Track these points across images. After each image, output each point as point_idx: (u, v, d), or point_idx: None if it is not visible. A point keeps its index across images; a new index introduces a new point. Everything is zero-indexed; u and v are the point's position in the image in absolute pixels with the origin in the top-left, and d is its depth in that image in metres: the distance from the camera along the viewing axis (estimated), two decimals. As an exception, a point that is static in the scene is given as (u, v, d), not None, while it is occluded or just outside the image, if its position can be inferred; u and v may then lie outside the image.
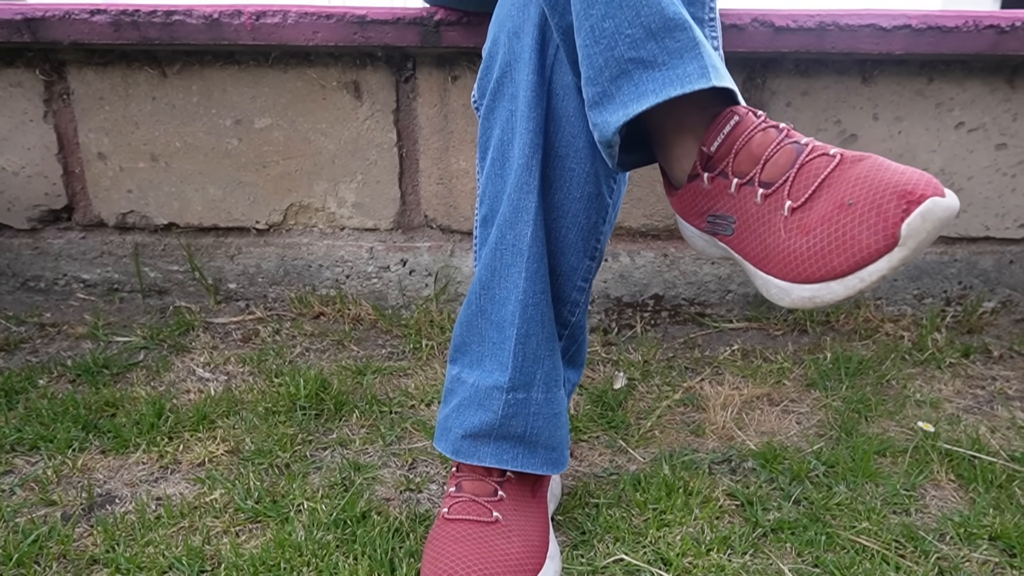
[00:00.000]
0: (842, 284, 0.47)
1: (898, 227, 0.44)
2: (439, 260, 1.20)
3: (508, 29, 0.63)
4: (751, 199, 0.53)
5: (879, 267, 0.45)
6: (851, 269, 0.47)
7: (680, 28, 0.51)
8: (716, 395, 1.03)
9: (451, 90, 1.10)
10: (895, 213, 0.44)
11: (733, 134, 0.54)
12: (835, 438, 0.92)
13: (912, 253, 0.45)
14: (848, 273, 0.47)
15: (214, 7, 0.99)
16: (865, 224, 0.46)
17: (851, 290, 0.47)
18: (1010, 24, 0.98)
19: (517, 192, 0.61)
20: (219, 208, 1.19)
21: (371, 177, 1.16)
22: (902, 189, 0.45)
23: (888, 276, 0.46)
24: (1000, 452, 0.88)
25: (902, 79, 1.10)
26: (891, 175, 0.46)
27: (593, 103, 0.55)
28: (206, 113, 1.13)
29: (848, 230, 0.46)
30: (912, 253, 0.45)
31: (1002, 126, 1.13)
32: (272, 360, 1.10)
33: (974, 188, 1.16)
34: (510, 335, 0.63)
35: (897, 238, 0.44)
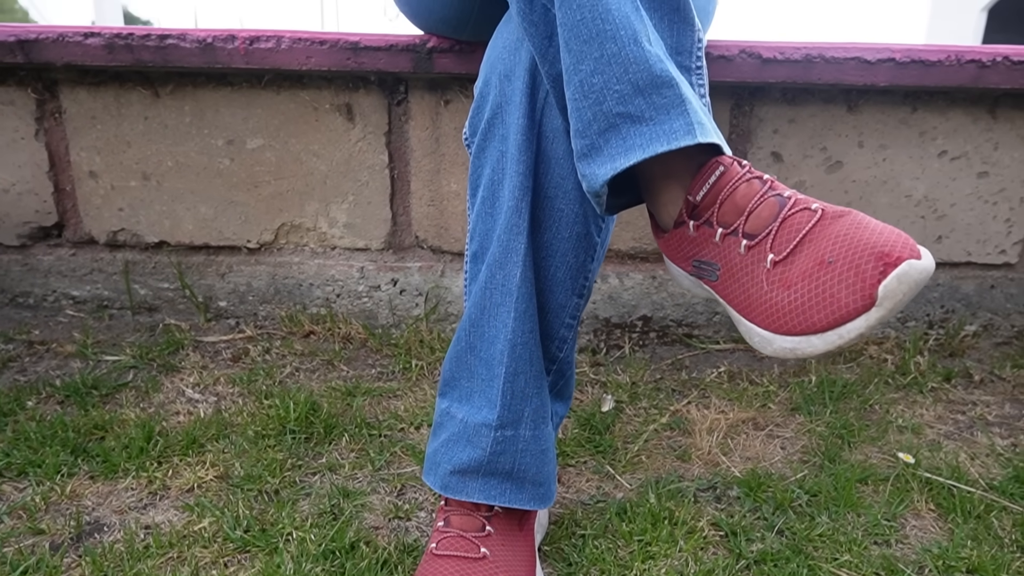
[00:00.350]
0: (822, 339, 0.49)
1: (875, 288, 0.45)
2: (430, 280, 1.21)
3: (499, 71, 0.64)
4: (735, 249, 0.55)
5: (857, 325, 0.47)
6: (830, 325, 0.48)
7: (667, 85, 0.52)
8: (702, 419, 1.05)
9: (443, 113, 1.11)
10: (872, 274, 0.46)
11: (718, 184, 0.55)
12: (818, 465, 0.93)
13: (888, 313, 0.46)
14: (827, 329, 0.48)
15: (207, 32, 0.99)
16: (844, 283, 0.47)
17: (830, 345, 0.48)
18: (991, 59, 1.00)
19: (507, 233, 0.62)
20: (210, 227, 1.19)
21: (363, 198, 1.17)
22: (880, 251, 0.46)
23: (866, 334, 0.47)
24: (979, 481, 0.90)
25: (887, 108, 1.11)
26: (869, 235, 0.47)
27: (582, 155, 0.56)
28: (198, 133, 1.13)
29: (828, 288, 0.48)
30: (888, 313, 0.46)
31: (984, 155, 1.15)
32: (262, 380, 1.10)
33: (956, 215, 1.18)
34: (499, 373, 0.64)
35: (874, 299, 0.46)
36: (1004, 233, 1.20)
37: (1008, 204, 1.18)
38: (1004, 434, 1.03)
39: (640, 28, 0.52)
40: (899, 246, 0.46)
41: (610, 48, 0.52)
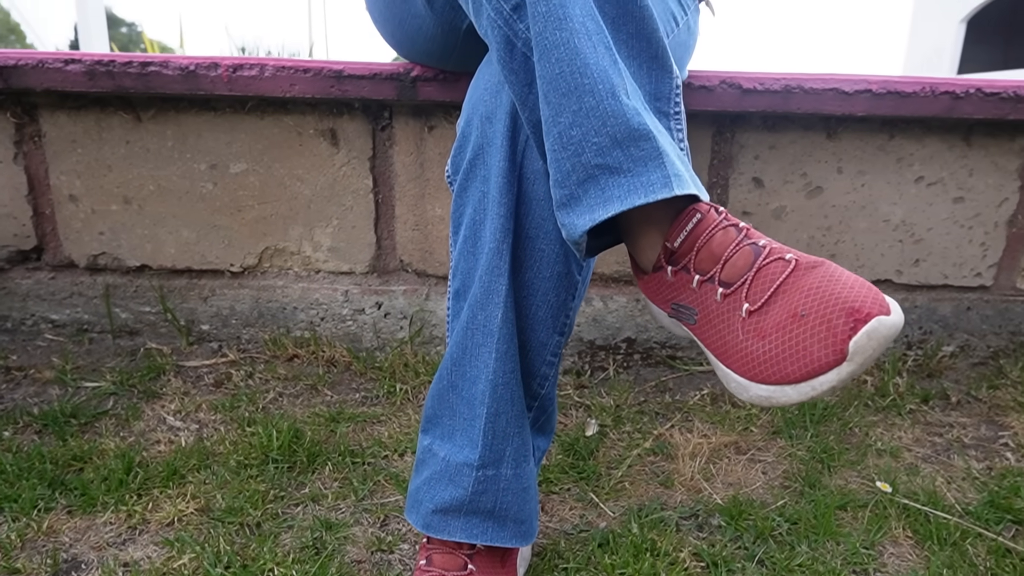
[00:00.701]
0: (795, 390, 0.49)
1: (846, 344, 0.46)
2: (414, 303, 1.21)
3: (481, 113, 0.64)
4: (712, 296, 0.55)
5: (829, 379, 0.48)
6: (803, 378, 0.49)
7: (644, 138, 0.53)
8: (685, 443, 1.05)
9: (428, 139, 1.12)
10: (843, 330, 0.47)
11: (695, 232, 0.56)
12: (799, 491, 0.94)
13: (859, 367, 0.47)
14: (801, 381, 0.49)
15: (190, 59, 0.99)
16: (816, 337, 0.48)
17: (804, 396, 0.49)
18: (964, 91, 1.02)
19: (488, 275, 0.63)
20: (193, 251, 1.18)
21: (347, 222, 1.17)
22: (850, 306, 0.47)
23: (838, 387, 0.48)
24: (955, 506, 0.91)
25: (865, 135, 1.13)
26: (841, 289, 0.48)
27: (561, 204, 0.56)
28: (180, 157, 1.13)
29: (801, 341, 0.49)
30: (859, 367, 0.47)
31: (959, 181, 1.17)
32: (245, 406, 1.10)
33: (933, 239, 1.20)
34: (480, 413, 0.64)
35: (845, 354, 0.47)
36: (979, 256, 1.22)
37: (983, 228, 1.20)
38: (980, 457, 1.04)
39: (618, 81, 0.53)
40: (869, 302, 0.47)
41: (588, 102, 0.52)
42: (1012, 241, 1.21)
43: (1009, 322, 1.26)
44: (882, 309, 0.47)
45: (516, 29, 0.56)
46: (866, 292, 0.48)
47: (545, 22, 0.53)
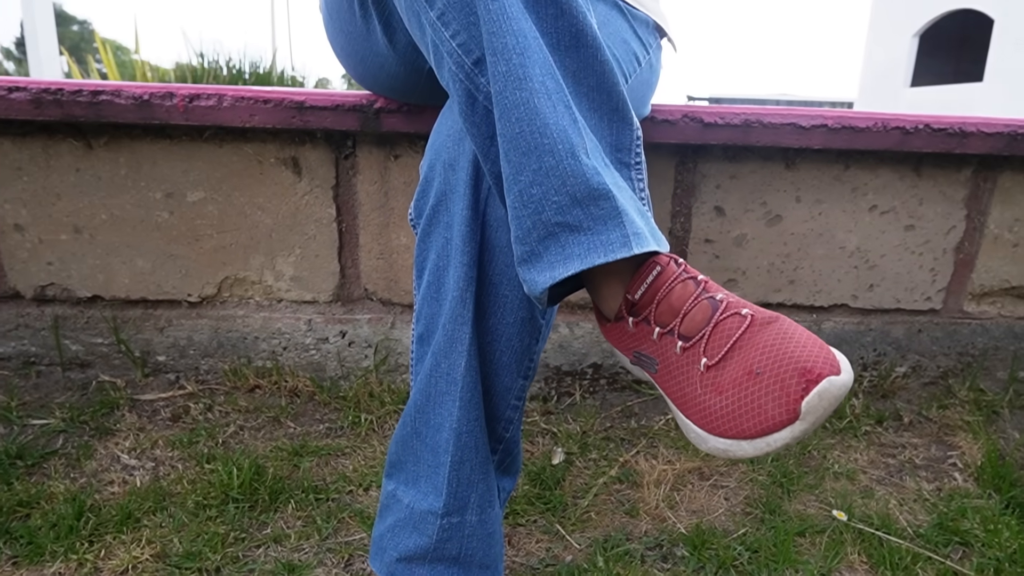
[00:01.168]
0: (751, 445, 0.50)
1: (799, 403, 0.48)
2: (379, 332, 1.20)
3: (444, 160, 0.64)
4: (672, 348, 0.56)
5: (783, 436, 0.49)
6: (759, 434, 0.50)
7: (604, 197, 0.53)
8: (650, 470, 1.06)
9: (392, 168, 1.11)
10: (796, 390, 0.48)
11: (655, 284, 0.56)
12: (759, 517, 0.96)
13: (812, 426, 0.48)
14: (756, 437, 0.50)
15: (144, 88, 0.97)
16: (771, 396, 0.49)
17: (759, 451, 0.50)
18: (914, 126, 1.06)
19: (452, 323, 0.63)
20: (148, 281, 1.15)
21: (310, 251, 1.15)
22: (803, 366, 0.48)
23: (792, 444, 0.50)
24: (907, 529, 0.94)
25: (822, 166, 1.16)
26: (794, 348, 0.50)
27: (522, 260, 0.56)
28: (135, 186, 1.10)
29: (756, 399, 0.50)
30: (812, 426, 0.48)
31: (910, 209, 1.21)
32: (204, 442, 1.07)
33: (886, 265, 1.24)
34: (444, 461, 0.63)
35: (798, 413, 0.48)
36: (929, 282, 1.26)
37: (932, 255, 1.24)
38: (930, 478, 1.08)
39: (577, 141, 0.53)
40: (820, 362, 0.48)
41: (548, 161, 0.53)
42: (959, 267, 1.25)
43: (957, 343, 1.30)
44: (833, 369, 0.48)
45: (478, 83, 0.56)
46: (817, 351, 0.49)
47: (505, 82, 0.53)
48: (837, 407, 0.55)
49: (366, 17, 0.74)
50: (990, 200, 1.22)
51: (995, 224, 1.23)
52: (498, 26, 0.53)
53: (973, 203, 1.22)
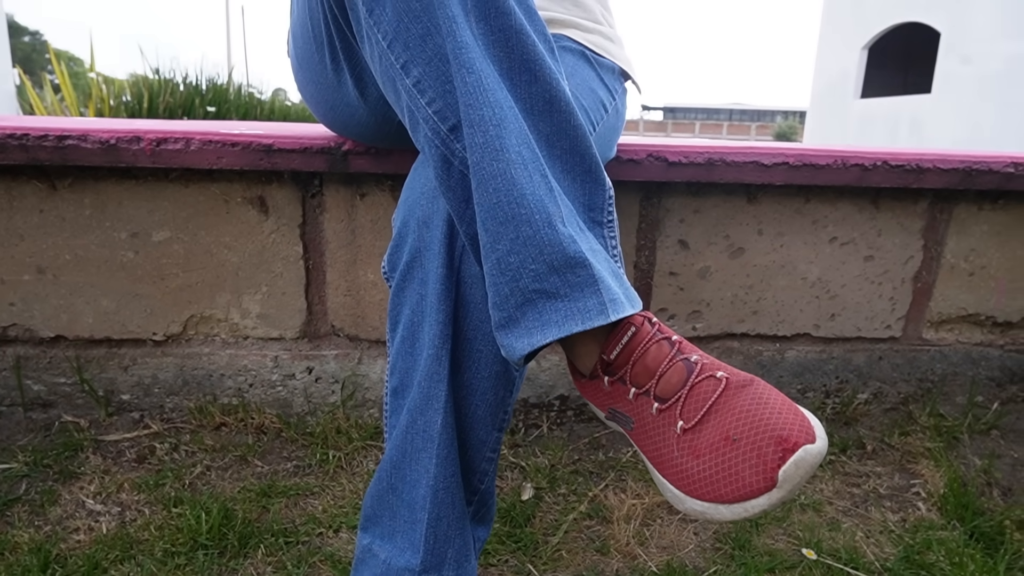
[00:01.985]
0: (729, 510, 0.51)
1: (776, 472, 0.49)
2: (346, 368, 1.20)
3: (418, 217, 0.65)
4: (648, 409, 0.57)
5: (760, 503, 0.50)
6: (736, 500, 0.51)
7: (580, 265, 0.54)
8: (620, 504, 1.07)
9: (359, 206, 1.11)
10: (773, 458, 0.49)
11: (630, 345, 0.57)
12: (729, 554, 0.97)
13: (788, 493, 0.49)
14: (734, 502, 0.51)
15: (111, 132, 0.96)
16: (748, 463, 0.50)
17: (737, 516, 0.51)
18: (872, 163, 1.09)
19: (427, 380, 0.63)
20: (112, 320, 1.13)
21: (276, 289, 1.14)
22: (779, 435, 0.49)
23: (769, 510, 0.51)
24: (874, 563, 0.96)
25: (783, 199, 1.19)
26: (770, 415, 0.51)
27: (500, 325, 0.57)
28: (99, 226, 1.08)
29: (733, 465, 0.51)
30: (788, 493, 0.49)
31: (869, 241, 1.24)
32: (170, 484, 1.05)
33: (847, 295, 1.27)
34: (421, 518, 0.64)
35: (775, 482, 0.49)
36: (889, 310, 1.29)
37: (891, 284, 1.28)
38: (895, 508, 1.10)
39: (553, 210, 0.54)
40: (796, 430, 0.49)
41: (525, 231, 0.54)
42: (917, 295, 1.29)
43: (917, 370, 1.34)
44: (808, 437, 0.49)
45: (453, 149, 0.57)
46: (792, 418, 0.50)
47: (482, 152, 0.54)
48: (813, 473, 0.56)
49: (337, 70, 0.75)
50: (946, 231, 1.25)
51: (951, 254, 1.27)
52: (475, 98, 0.54)
53: (930, 234, 1.25)
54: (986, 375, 1.37)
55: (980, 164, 1.14)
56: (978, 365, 1.36)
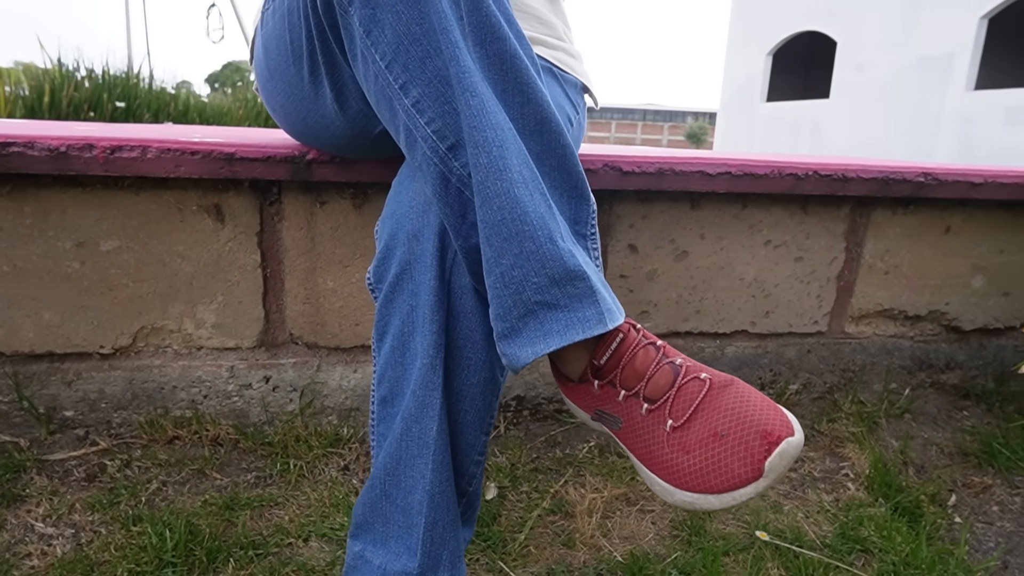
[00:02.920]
0: (718, 499, 0.56)
1: (762, 463, 0.54)
2: (304, 376, 1.19)
3: (407, 231, 0.67)
4: (637, 410, 0.62)
5: (747, 492, 0.55)
6: (725, 489, 0.56)
7: (579, 278, 0.58)
8: (581, 499, 1.12)
9: (319, 214, 1.11)
10: (759, 450, 0.54)
11: (619, 351, 0.62)
12: (686, 539, 1.04)
13: (772, 482, 0.55)
14: (723, 492, 0.56)
15: (61, 139, 0.92)
16: (736, 456, 0.55)
17: (725, 504, 0.56)
18: (804, 172, 1.18)
19: (422, 389, 0.65)
20: (56, 333, 1.08)
21: (233, 298, 1.12)
22: (764, 429, 0.55)
23: (754, 497, 0.56)
24: (815, 540, 1.05)
25: (723, 206, 1.27)
26: (753, 411, 0.56)
27: (502, 336, 0.60)
28: (41, 236, 1.03)
29: (722, 458, 0.56)
30: (772, 482, 0.55)
31: (799, 243, 1.34)
32: (126, 502, 1.02)
33: (779, 293, 1.37)
34: (418, 523, 0.66)
35: (762, 472, 0.54)
36: (816, 307, 1.40)
37: (818, 283, 1.38)
38: (828, 489, 1.20)
39: (554, 226, 0.58)
40: (778, 424, 0.55)
41: (529, 246, 0.57)
42: (840, 293, 1.40)
43: (840, 361, 1.45)
44: (788, 431, 0.55)
45: (451, 167, 0.59)
46: (773, 414, 0.56)
47: (487, 172, 0.56)
48: (793, 463, 0.62)
49: (316, 83, 0.75)
50: (865, 233, 1.37)
51: (869, 255, 1.39)
52: (478, 120, 0.56)
53: (851, 236, 1.37)
54: (899, 364, 1.51)
55: (896, 174, 1.25)
56: (892, 355, 1.49)
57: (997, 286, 1.50)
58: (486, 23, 0.59)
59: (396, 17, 0.58)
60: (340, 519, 1.03)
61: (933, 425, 1.46)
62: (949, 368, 1.55)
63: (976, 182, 1.30)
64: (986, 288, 1.49)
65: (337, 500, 1.07)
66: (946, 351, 1.53)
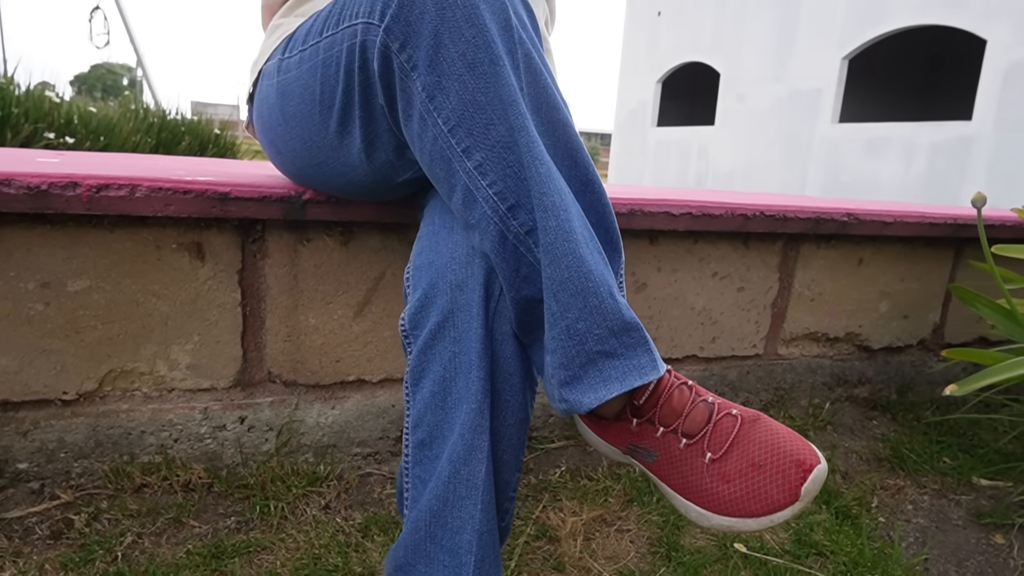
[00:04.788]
0: (757, 522, 0.63)
1: (799, 489, 0.61)
2: (282, 414, 1.17)
3: (450, 281, 0.70)
4: (675, 444, 0.68)
5: (784, 514, 0.62)
6: (764, 513, 0.63)
7: (634, 329, 0.64)
8: (562, 523, 1.17)
9: (303, 251, 1.10)
10: (796, 477, 0.62)
11: (657, 391, 0.68)
12: (666, 555, 1.11)
13: (807, 504, 0.63)
14: (762, 515, 0.63)
15: (43, 177, 0.87)
16: (774, 484, 0.62)
17: (763, 526, 0.63)
18: (752, 213, 1.30)
19: (471, 432, 0.68)
20: (12, 380, 1.01)
21: (210, 337, 1.09)
22: (797, 459, 0.62)
23: (789, 519, 0.63)
24: (776, 548, 1.15)
25: (677, 241, 1.37)
26: (786, 443, 0.64)
27: (564, 383, 0.65)
28: (1, 276, 0.97)
29: (762, 486, 0.63)
30: (807, 504, 0.63)
31: (741, 274, 1.47)
32: (100, 559, 0.97)
33: (724, 320, 1.48)
34: (467, 561, 0.68)
35: (798, 496, 0.61)
36: (755, 332, 1.53)
37: (756, 311, 1.51)
38: (777, 499, 1.32)
39: (612, 283, 0.63)
40: (808, 454, 0.63)
41: (592, 301, 0.62)
42: (774, 319, 1.54)
43: (774, 380, 1.59)
44: (816, 459, 0.62)
45: (510, 225, 0.63)
46: (802, 445, 0.63)
47: (555, 235, 0.61)
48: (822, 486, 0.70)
49: (343, 132, 0.77)
50: (795, 265, 1.52)
51: (798, 284, 1.54)
52: (547, 186, 0.61)
53: (783, 268, 1.51)
54: (821, 381, 1.67)
55: (825, 214, 1.40)
56: (816, 373, 1.65)
57: (899, 310, 1.70)
58: (543, 93, 0.64)
59: (463, 86, 0.61)
60: (333, 559, 1.02)
61: (850, 435, 1.63)
62: (861, 383, 1.73)
63: (887, 221, 1.48)
64: (890, 312, 1.68)
65: (325, 541, 1.06)
66: (858, 368, 1.71)
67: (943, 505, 1.39)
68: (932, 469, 1.49)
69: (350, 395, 1.20)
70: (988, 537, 1.29)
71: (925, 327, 1.74)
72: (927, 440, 1.61)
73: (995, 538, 1.29)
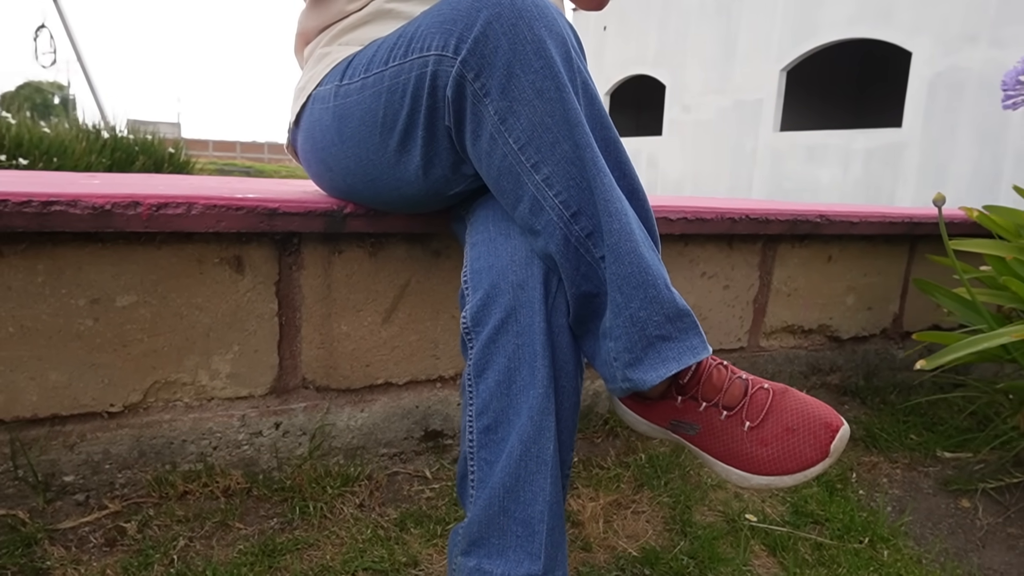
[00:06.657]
0: (792, 478, 0.74)
1: (828, 446, 0.72)
2: (315, 419, 1.23)
3: (512, 281, 0.78)
4: (716, 417, 0.78)
5: (816, 469, 0.73)
6: (799, 470, 0.73)
7: (686, 315, 0.74)
8: (582, 508, 1.26)
9: (336, 262, 1.17)
10: (825, 437, 0.72)
11: (699, 371, 0.78)
12: (681, 531, 1.21)
13: (834, 460, 0.73)
14: (796, 472, 0.73)
15: (107, 197, 0.92)
16: (807, 444, 0.73)
17: (798, 482, 0.74)
18: (739, 217, 1.43)
19: (540, 414, 0.77)
20: (62, 395, 1.05)
21: (249, 347, 1.15)
22: (825, 421, 0.73)
23: (821, 474, 0.74)
24: (776, 518, 1.26)
25: (670, 244, 1.49)
26: (814, 409, 0.74)
27: (628, 364, 0.74)
28: (53, 293, 1.01)
29: (796, 447, 0.73)
30: (834, 460, 0.73)
31: (726, 274, 1.59)
32: (158, 562, 1.01)
33: (712, 316, 1.60)
34: (540, 530, 0.76)
35: (828, 453, 0.72)
36: (739, 326, 1.66)
37: (740, 307, 1.64)
38: (771, 478, 1.44)
39: (665, 275, 0.73)
40: (834, 418, 0.73)
41: (651, 292, 0.72)
42: (756, 314, 1.67)
43: (756, 370, 1.72)
44: (840, 421, 0.73)
45: (572, 230, 0.73)
46: (827, 411, 0.74)
47: (619, 236, 0.71)
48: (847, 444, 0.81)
49: (403, 151, 0.85)
50: (773, 264, 1.65)
51: (777, 281, 1.68)
52: (609, 194, 0.70)
53: (763, 267, 1.64)
54: (798, 370, 1.81)
55: (801, 216, 1.54)
56: (793, 363, 1.79)
57: (864, 302, 1.85)
58: (599, 115, 0.74)
59: (532, 110, 0.71)
60: (378, 552, 1.09)
61: (826, 419, 1.77)
62: (832, 371, 1.88)
63: (854, 221, 1.63)
64: (856, 304, 1.84)
65: (368, 536, 1.12)
66: (830, 357, 1.86)
67: (914, 477, 1.53)
68: (901, 446, 1.64)
69: (378, 398, 1.27)
70: (956, 502, 1.44)
71: (887, 317, 1.90)
72: (894, 420, 1.76)
73: (962, 503, 1.44)
